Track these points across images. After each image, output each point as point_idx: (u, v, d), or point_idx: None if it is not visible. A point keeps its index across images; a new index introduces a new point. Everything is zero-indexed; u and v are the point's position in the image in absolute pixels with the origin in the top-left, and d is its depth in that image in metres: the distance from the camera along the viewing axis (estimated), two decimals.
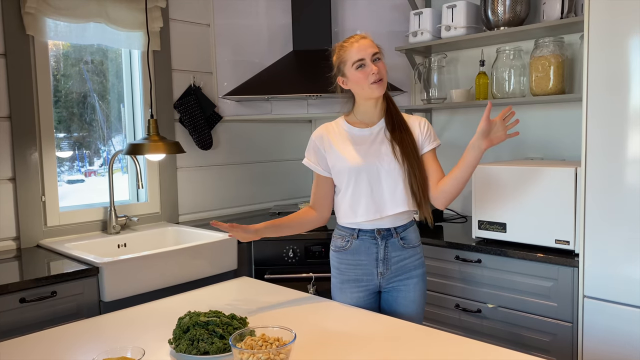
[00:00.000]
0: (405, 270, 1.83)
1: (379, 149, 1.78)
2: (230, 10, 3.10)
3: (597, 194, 1.88)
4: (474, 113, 2.93)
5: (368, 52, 1.73)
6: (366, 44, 1.74)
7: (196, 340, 1.36)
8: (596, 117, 1.87)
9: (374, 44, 1.76)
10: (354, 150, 1.79)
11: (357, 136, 1.82)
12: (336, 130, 1.85)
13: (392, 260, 1.81)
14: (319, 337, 1.46)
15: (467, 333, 2.28)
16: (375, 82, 1.73)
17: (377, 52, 1.75)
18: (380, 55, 1.76)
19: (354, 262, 1.83)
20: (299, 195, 3.70)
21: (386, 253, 1.80)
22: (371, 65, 1.73)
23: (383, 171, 1.76)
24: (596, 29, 1.84)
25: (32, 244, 2.41)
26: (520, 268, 2.13)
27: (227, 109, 3.14)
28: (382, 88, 1.75)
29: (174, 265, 2.24)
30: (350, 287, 1.84)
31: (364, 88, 1.75)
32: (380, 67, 1.74)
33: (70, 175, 2.65)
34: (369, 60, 1.73)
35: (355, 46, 1.74)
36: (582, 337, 1.92)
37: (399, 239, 1.80)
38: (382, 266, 1.81)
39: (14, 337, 1.50)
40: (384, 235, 1.79)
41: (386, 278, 1.82)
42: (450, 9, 2.68)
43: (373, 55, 1.73)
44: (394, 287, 1.84)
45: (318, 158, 1.85)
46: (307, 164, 1.88)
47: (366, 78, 1.73)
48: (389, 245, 1.80)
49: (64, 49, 2.59)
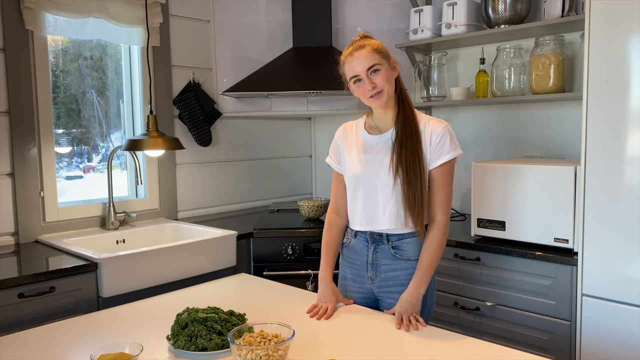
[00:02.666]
0: (397, 283, 1.72)
1: (380, 160, 1.69)
2: (230, 6, 3.09)
3: (596, 192, 1.88)
4: (474, 111, 2.93)
5: (362, 68, 1.62)
6: (361, 57, 1.62)
7: (194, 337, 1.35)
8: (596, 115, 1.87)
9: (371, 54, 1.62)
10: (359, 157, 1.74)
11: (367, 142, 1.75)
12: (354, 132, 1.80)
13: (382, 268, 1.73)
14: (318, 334, 1.46)
15: (466, 331, 2.28)
16: (372, 97, 1.65)
17: (374, 64, 1.62)
18: (380, 66, 1.62)
19: (350, 260, 1.82)
20: (298, 192, 3.70)
21: (375, 258, 1.74)
22: (367, 80, 1.62)
23: (379, 184, 1.68)
24: (597, 28, 1.84)
25: (30, 239, 2.41)
26: (519, 266, 2.13)
27: (227, 105, 3.13)
28: (380, 101, 1.65)
29: (172, 262, 2.24)
30: (347, 284, 1.84)
31: (364, 101, 1.70)
32: (378, 80, 1.62)
33: (69, 171, 2.64)
34: (364, 76, 1.62)
35: (351, 59, 1.64)
36: (581, 336, 1.93)
37: (391, 247, 1.72)
38: (372, 270, 1.75)
39: (13, 332, 1.50)
40: (375, 240, 1.73)
41: (377, 284, 1.75)
42: (450, 6, 2.67)
43: (369, 69, 1.62)
44: (386, 296, 1.76)
45: (337, 156, 1.83)
46: (329, 162, 1.86)
47: (363, 93, 1.66)
48: (378, 251, 1.73)
49: (62, 44, 2.58)
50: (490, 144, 2.87)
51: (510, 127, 2.79)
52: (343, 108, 3.14)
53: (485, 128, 2.89)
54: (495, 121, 2.85)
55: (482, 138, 2.90)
